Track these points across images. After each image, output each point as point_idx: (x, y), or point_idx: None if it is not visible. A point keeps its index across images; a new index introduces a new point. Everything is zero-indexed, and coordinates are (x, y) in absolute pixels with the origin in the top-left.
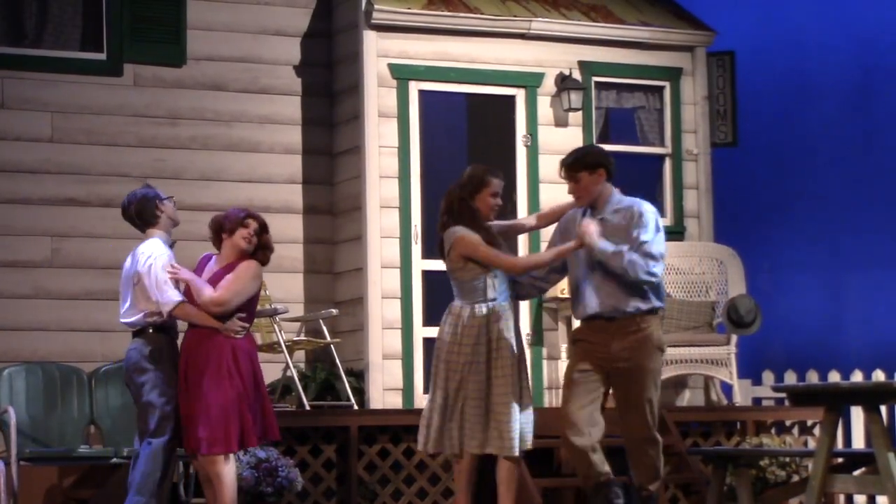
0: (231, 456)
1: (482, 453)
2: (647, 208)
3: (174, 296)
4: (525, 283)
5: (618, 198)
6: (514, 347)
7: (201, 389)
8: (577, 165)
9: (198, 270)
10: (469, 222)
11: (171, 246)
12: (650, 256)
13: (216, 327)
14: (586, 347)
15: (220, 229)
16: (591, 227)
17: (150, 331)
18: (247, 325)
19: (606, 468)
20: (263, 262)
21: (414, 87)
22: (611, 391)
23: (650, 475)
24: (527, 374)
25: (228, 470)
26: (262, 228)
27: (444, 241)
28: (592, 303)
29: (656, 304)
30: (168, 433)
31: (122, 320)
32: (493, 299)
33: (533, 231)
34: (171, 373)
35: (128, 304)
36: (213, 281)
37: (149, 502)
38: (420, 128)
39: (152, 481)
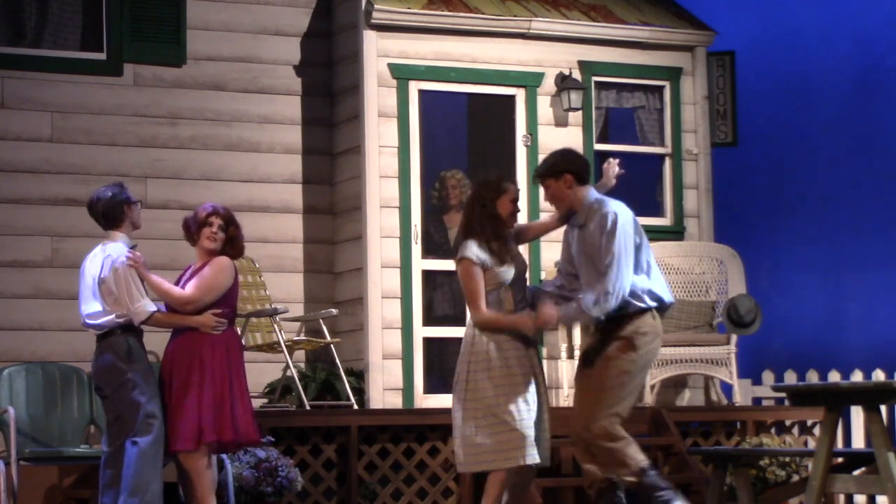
0: (204, 451)
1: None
2: (609, 209)
3: (147, 306)
4: (552, 294)
5: (590, 200)
6: (537, 361)
7: (181, 388)
8: (542, 173)
9: (181, 280)
10: (485, 234)
11: (133, 248)
12: (605, 289)
13: (191, 325)
14: (587, 345)
15: (189, 232)
16: (548, 314)
17: (119, 332)
18: (224, 320)
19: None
20: (233, 256)
21: (414, 87)
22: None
23: (603, 463)
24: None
25: (203, 464)
26: (228, 223)
27: (456, 251)
28: None
29: (638, 306)
30: (154, 431)
31: (90, 322)
32: (510, 311)
33: (552, 230)
34: (147, 371)
35: (97, 308)
36: (185, 284)
37: (142, 502)
38: (420, 128)
39: (145, 481)
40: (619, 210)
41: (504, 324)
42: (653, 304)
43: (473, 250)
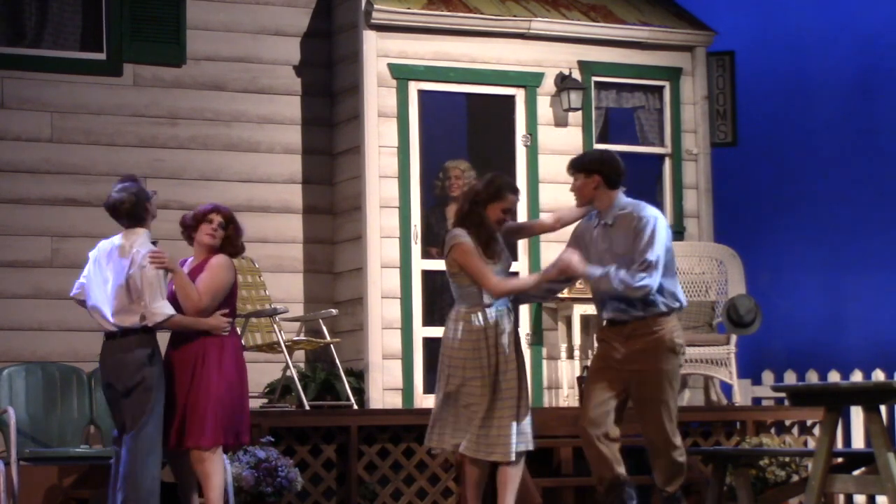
0: (220, 453)
1: (484, 459)
2: (647, 213)
3: (166, 308)
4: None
5: (621, 203)
6: (514, 354)
7: (191, 387)
8: (575, 165)
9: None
10: (475, 228)
11: (154, 244)
12: (642, 268)
13: (203, 328)
14: (606, 348)
15: (188, 229)
16: (574, 258)
17: (142, 332)
18: (230, 319)
19: (620, 469)
20: (232, 255)
21: (414, 87)
22: None
23: (667, 477)
24: (526, 378)
25: (219, 465)
26: (228, 221)
27: (444, 242)
28: (607, 307)
29: (668, 305)
30: (157, 435)
31: (118, 322)
32: (489, 305)
33: (548, 232)
34: (162, 374)
35: (123, 306)
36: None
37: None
38: (420, 128)
39: (146, 486)
40: (658, 214)
41: (530, 283)
42: (676, 305)
43: (463, 235)
